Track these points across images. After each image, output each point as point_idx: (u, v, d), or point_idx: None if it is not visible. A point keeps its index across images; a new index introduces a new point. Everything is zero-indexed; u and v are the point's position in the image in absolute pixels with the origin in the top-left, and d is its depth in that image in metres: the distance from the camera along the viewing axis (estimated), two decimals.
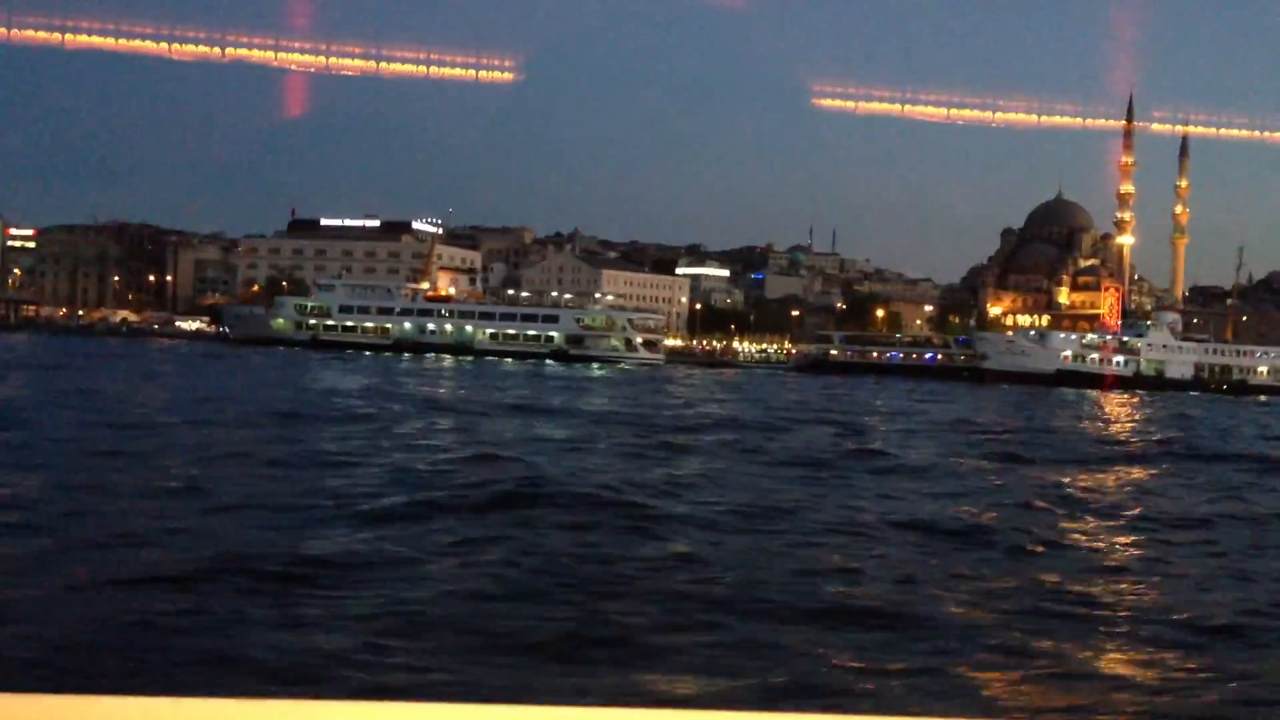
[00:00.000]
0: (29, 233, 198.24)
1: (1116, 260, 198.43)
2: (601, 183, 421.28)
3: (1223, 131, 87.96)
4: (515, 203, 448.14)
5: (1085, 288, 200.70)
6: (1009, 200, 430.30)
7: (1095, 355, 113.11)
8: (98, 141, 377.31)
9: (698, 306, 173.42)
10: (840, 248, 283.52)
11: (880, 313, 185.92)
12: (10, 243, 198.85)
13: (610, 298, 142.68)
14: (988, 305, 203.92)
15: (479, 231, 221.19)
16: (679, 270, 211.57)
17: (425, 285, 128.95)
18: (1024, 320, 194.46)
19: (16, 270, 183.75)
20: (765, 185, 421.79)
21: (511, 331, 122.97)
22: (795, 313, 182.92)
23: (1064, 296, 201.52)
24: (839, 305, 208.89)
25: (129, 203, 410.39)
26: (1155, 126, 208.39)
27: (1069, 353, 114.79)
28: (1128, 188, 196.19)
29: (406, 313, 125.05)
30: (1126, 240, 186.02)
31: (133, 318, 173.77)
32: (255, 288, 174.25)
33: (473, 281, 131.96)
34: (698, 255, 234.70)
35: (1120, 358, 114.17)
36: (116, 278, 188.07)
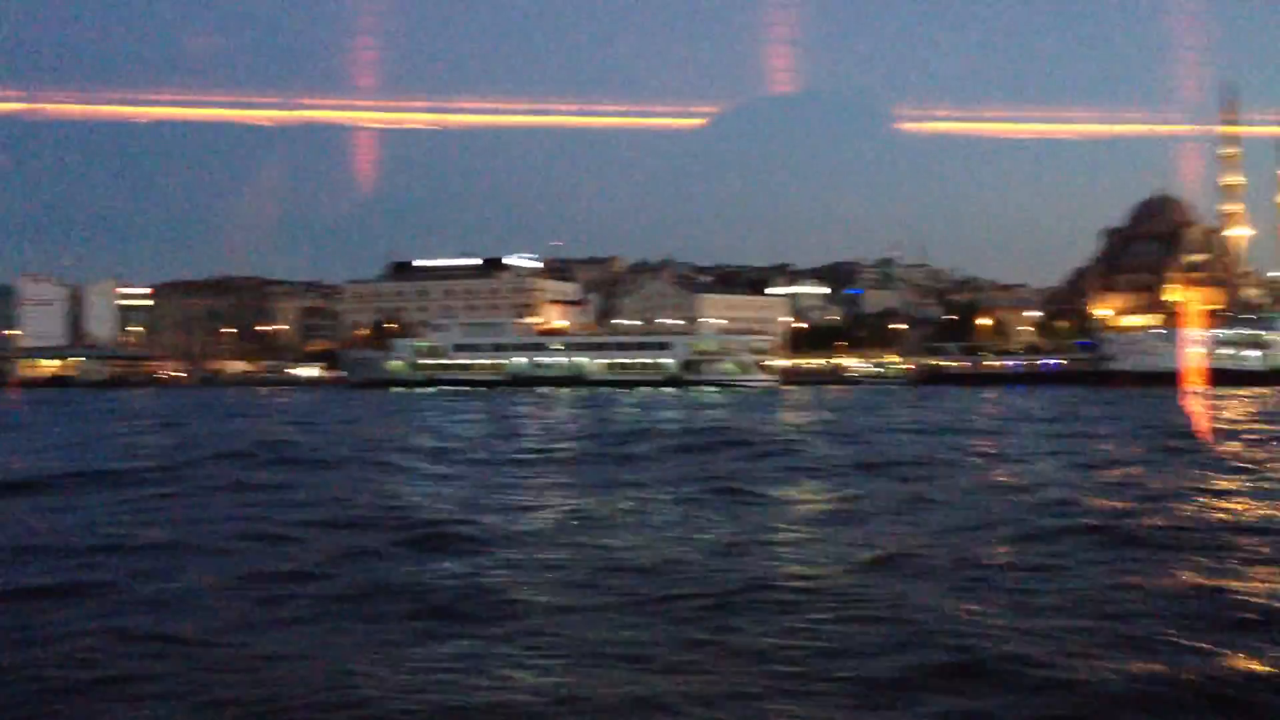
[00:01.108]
0: (145, 291, 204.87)
1: (1227, 253, 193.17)
2: (685, 208, 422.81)
3: None
4: (601, 233, 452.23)
5: (1196, 283, 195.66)
6: (1099, 202, 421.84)
7: (1227, 352, 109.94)
8: (192, 204, 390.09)
9: (801, 325, 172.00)
10: (933, 261, 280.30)
11: (986, 321, 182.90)
12: (122, 301, 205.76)
13: (722, 322, 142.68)
14: (1093, 306, 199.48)
15: (571, 264, 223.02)
16: (771, 290, 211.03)
17: (537, 319, 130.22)
18: (1132, 321, 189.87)
19: (137, 327, 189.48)
20: (850, 203, 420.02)
21: (624, 361, 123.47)
22: (902, 325, 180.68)
23: (1176, 293, 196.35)
24: (940, 316, 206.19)
25: (227, 258, 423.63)
26: (1246, 127, 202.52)
27: (1199, 350, 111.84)
28: (1234, 179, 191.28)
29: (519, 347, 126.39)
30: (1242, 232, 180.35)
31: (247, 368, 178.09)
32: (364, 330, 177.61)
33: (582, 313, 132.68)
34: (790, 274, 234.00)
35: (1255, 352, 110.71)
36: (233, 329, 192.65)
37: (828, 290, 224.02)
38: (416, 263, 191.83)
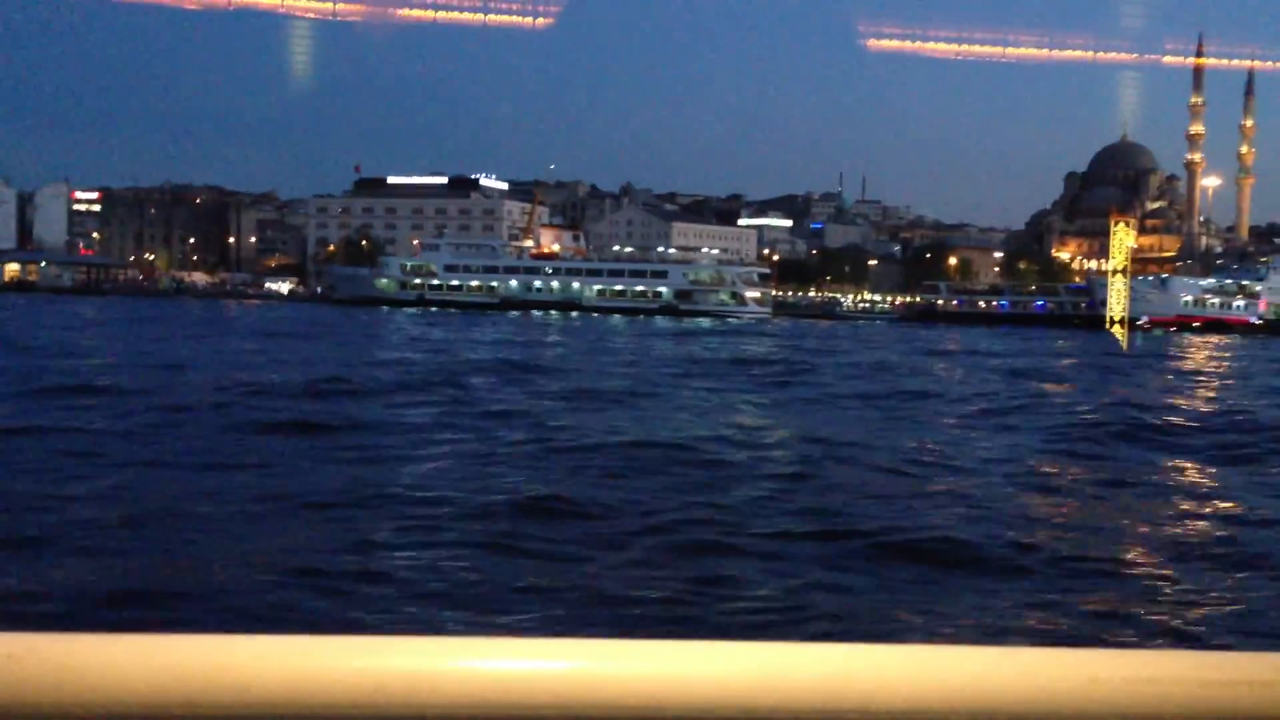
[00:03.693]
0: (94, 195, 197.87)
1: (1186, 203, 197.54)
2: (640, 133, 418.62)
3: None
4: (560, 157, 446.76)
5: (1153, 230, 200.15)
6: (1058, 146, 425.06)
7: (1215, 300, 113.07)
8: (145, 98, 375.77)
9: (775, 258, 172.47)
10: (871, 194, 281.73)
11: (953, 261, 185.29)
12: (75, 205, 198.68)
13: (715, 251, 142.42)
14: (1053, 250, 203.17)
15: (536, 186, 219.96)
16: (741, 222, 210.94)
17: (529, 243, 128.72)
18: (1090, 265, 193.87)
19: (96, 234, 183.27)
20: (803, 132, 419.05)
21: (619, 288, 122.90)
22: (873, 261, 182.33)
23: (1131, 239, 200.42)
24: (900, 254, 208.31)
25: (181, 164, 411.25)
26: (1217, 61, 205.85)
27: (1189, 297, 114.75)
28: (1197, 128, 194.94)
29: (512, 270, 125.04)
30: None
31: (211, 279, 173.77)
32: (331, 248, 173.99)
33: (576, 238, 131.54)
34: (747, 205, 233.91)
35: (1240, 301, 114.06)
36: (193, 239, 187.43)
37: (791, 223, 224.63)
38: (390, 180, 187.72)
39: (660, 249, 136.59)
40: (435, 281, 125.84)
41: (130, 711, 0.83)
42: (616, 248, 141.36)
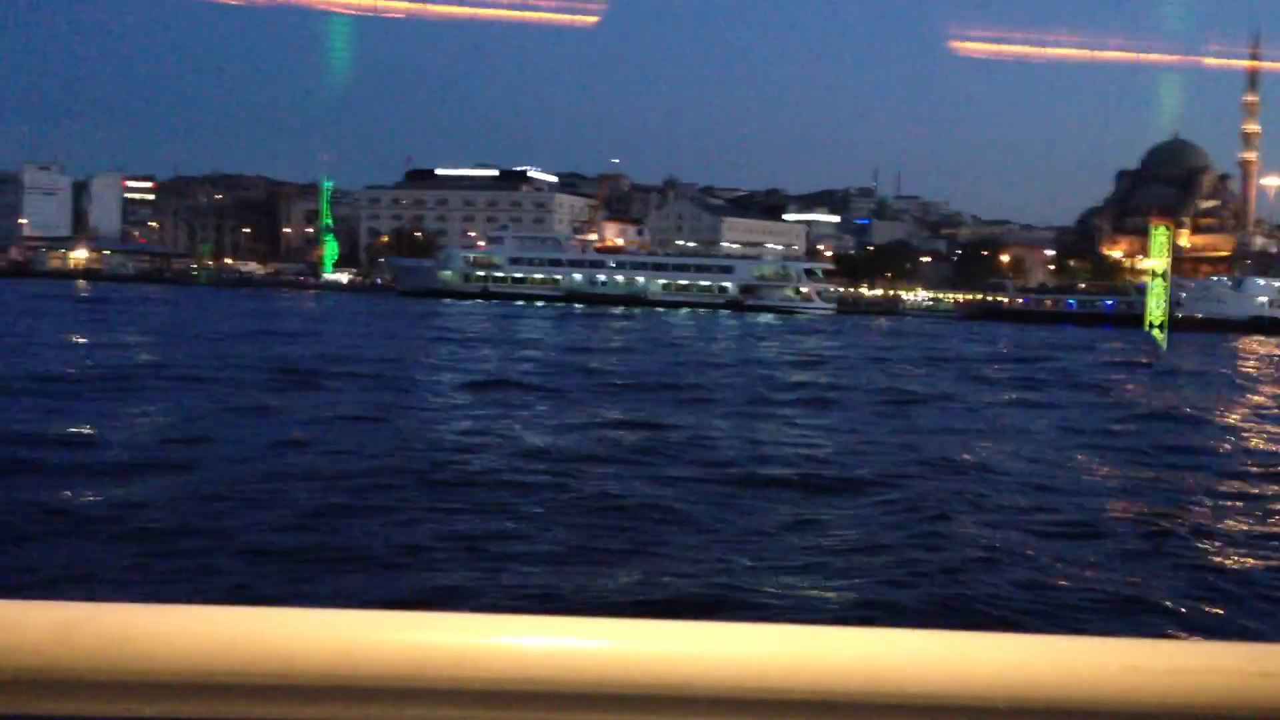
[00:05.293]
0: (148, 184, 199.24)
1: (1240, 201, 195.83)
2: (671, 128, 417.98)
3: None
4: (594, 150, 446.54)
5: (1206, 230, 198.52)
6: (1107, 142, 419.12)
7: None
8: (191, 89, 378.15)
9: (830, 254, 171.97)
10: (906, 190, 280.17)
11: (1005, 258, 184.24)
12: (128, 195, 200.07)
13: (779, 247, 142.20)
14: (1104, 249, 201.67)
15: (578, 179, 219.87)
16: (788, 217, 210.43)
17: (593, 236, 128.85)
18: (1140, 263, 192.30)
19: (153, 224, 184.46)
20: (834, 127, 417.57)
21: (684, 282, 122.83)
22: (926, 258, 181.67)
23: (1184, 239, 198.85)
24: (948, 250, 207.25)
25: (226, 153, 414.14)
26: (1271, 64, 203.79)
27: (1265, 298, 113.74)
28: (1253, 126, 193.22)
29: (577, 264, 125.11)
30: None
31: (259, 269, 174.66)
32: (383, 239, 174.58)
33: (640, 233, 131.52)
34: (787, 200, 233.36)
35: None
36: (247, 229, 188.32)
37: (839, 219, 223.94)
38: (439, 171, 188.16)
39: (725, 244, 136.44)
40: (499, 274, 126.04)
41: (182, 679, 0.87)
42: (680, 242, 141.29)
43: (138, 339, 43.25)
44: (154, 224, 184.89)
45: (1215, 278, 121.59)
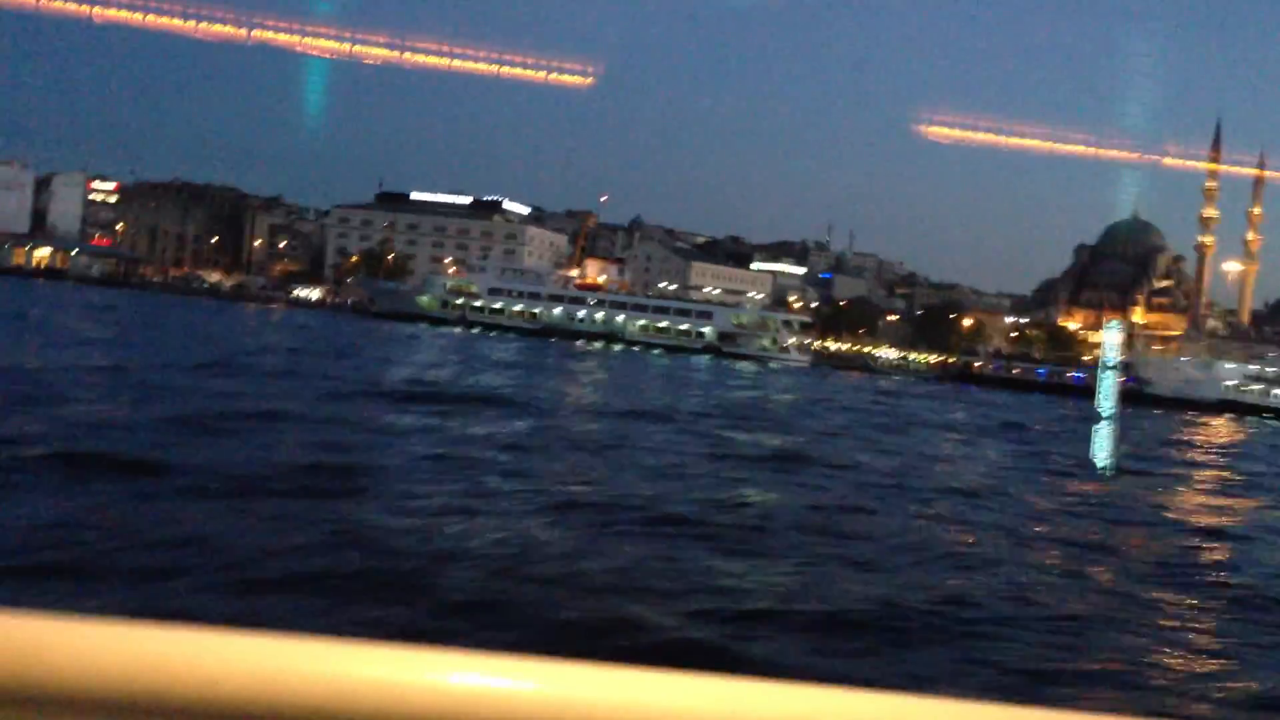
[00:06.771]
0: (110, 187, 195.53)
1: (1194, 283, 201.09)
2: (650, 167, 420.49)
3: None
4: (567, 185, 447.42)
5: (1159, 309, 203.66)
6: (1066, 217, 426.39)
7: (1258, 387, 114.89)
8: (152, 105, 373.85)
9: (799, 305, 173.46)
10: (859, 247, 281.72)
11: (967, 322, 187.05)
12: (91, 195, 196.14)
13: (760, 296, 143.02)
14: (1060, 319, 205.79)
15: (545, 215, 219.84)
16: (754, 266, 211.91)
17: (574, 272, 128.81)
18: (1094, 337, 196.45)
19: (119, 226, 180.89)
20: (790, 180, 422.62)
21: (662, 325, 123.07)
22: (892, 317, 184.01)
23: (1138, 315, 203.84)
24: (908, 310, 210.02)
25: (187, 160, 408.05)
26: (1228, 168, 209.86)
27: (1233, 381, 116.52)
28: (1211, 211, 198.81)
29: (557, 299, 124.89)
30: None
31: (230, 281, 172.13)
32: (354, 259, 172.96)
33: (621, 272, 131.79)
34: (766, 250, 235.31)
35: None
36: (215, 239, 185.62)
37: (804, 270, 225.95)
38: (412, 195, 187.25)
39: (700, 289, 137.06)
40: (477, 303, 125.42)
41: (93, 697, 0.81)
42: (662, 285, 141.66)
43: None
44: (120, 226, 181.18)
45: (1184, 358, 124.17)
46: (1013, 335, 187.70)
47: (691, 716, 0.79)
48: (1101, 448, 31.98)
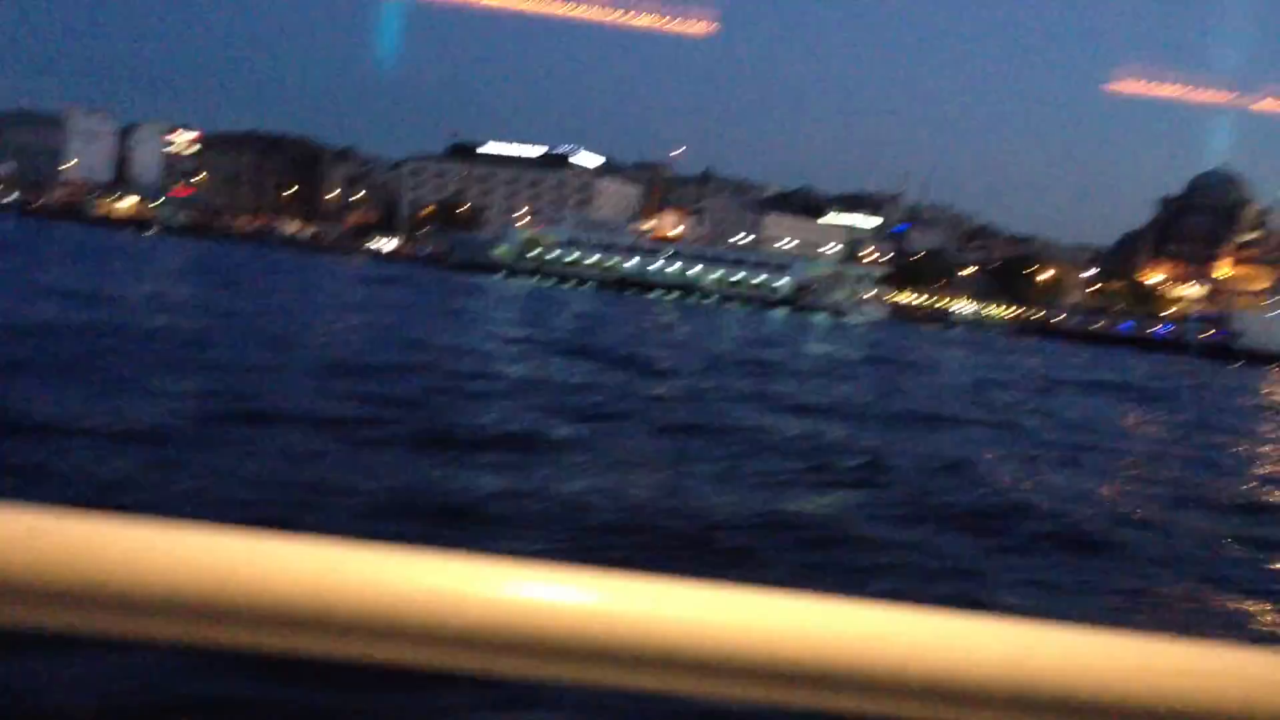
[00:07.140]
0: (192, 136, 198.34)
1: None
2: (720, 116, 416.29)
3: None
4: (639, 136, 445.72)
5: (1246, 261, 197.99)
6: (1148, 168, 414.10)
7: None
8: (226, 54, 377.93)
9: (873, 257, 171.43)
10: (934, 199, 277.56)
11: (1045, 275, 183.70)
12: (170, 148, 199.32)
13: (836, 248, 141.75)
14: (1143, 274, 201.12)
15: (616, 166, 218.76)
16: (827, 218, 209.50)
17: (651, 224, 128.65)
18: (1177, 291, 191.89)
19: (202, 176, 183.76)
20: (862, 129, 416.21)
21: (737, 278, 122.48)
22: (969, 270, 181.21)
23: (1225, 269, 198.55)
24: (984, 262, 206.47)
25: (270, 113, 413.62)
26: None
27: None
28: None
29: (632, 251, 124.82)
30: None
31: (303, 230, 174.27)
32: (430, 209, 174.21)
33: (700, 224, 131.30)
34: (839, 203, 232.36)
35: None
36: (294, 189, 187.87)
37: (879, 222, 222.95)
38: (482, 149, 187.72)
39: (781, 243, 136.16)
40: (551, 255, 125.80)
41: (144, 596, 0.80)
42: (735, 238, 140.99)
43: None
44: (203, 176, 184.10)
45: (1277, 311, 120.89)
46: (1091, 289, 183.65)
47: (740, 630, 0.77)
48: None
